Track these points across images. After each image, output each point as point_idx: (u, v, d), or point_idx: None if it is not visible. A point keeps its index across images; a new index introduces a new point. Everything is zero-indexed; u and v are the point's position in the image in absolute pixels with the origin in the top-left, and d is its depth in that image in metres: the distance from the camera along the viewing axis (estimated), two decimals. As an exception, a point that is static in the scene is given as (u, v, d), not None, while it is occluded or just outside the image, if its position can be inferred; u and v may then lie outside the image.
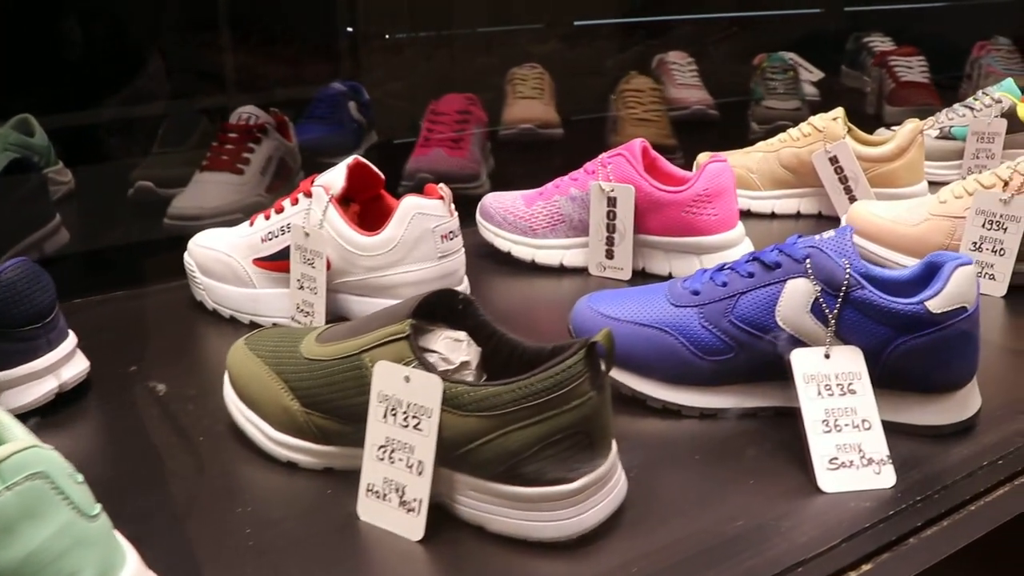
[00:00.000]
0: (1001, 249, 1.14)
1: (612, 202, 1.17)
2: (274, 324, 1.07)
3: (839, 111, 1.40)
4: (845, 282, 0.82)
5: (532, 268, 1.24)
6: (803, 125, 1.42)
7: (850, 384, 0.82)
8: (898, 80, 2.02)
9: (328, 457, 0.80)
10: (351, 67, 2.30)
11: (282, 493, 0.79)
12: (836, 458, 0.79)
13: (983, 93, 1.60)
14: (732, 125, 1.90)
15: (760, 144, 1.45)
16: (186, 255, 1.13)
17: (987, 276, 1.15)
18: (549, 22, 2.63)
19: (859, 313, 0.82)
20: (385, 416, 0.73)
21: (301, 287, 1.04)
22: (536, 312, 1.17)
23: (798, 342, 0.84)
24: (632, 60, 2.26)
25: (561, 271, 1.23)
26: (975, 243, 1.15)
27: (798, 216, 1.43)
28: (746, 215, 1.44)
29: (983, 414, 0.88)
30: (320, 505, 0.76)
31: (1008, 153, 1.57)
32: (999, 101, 1.56)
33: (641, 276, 1.21)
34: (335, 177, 1.05)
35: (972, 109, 1.58)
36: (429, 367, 0.73)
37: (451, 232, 1.03)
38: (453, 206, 1.04)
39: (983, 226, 1.15)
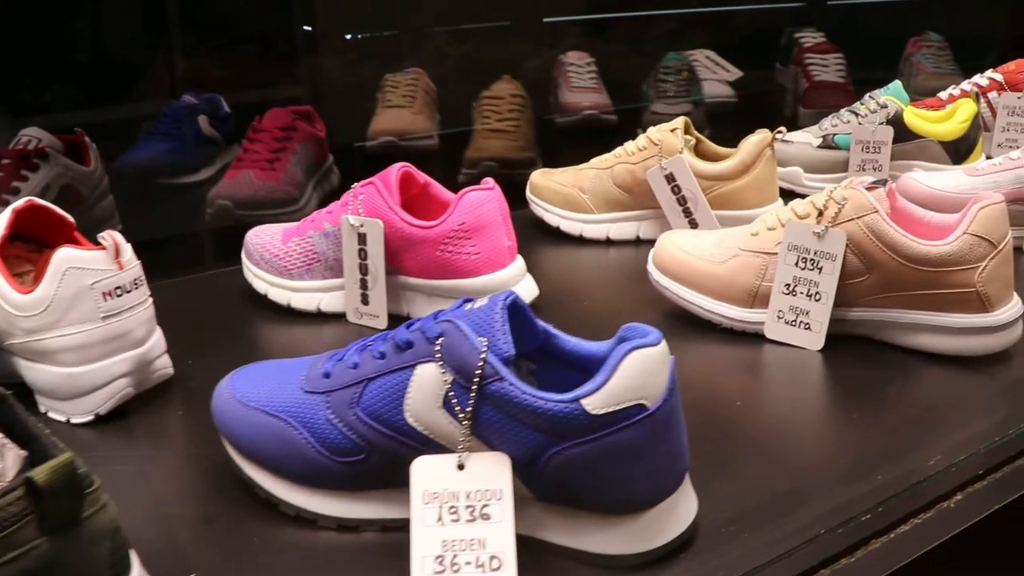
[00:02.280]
0: (817, 293, 0.88)
1: (362, 239, 0.95)
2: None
3: (679, 121, 1.15)
4: (478, 371, 0.59)
5: (290, 313, 1.02)
6: (640, 138, 1.17)
7: (485, 507, 0.59)
8: (812, 80, 1.74)
9: None
10: (308, 68, 2.10)
11: None
12: (442, 612, 0.56)
13: (869, 97, 1.32)
14: (627, 132, 1.64)
15: (594, 160, 1.20)
16: None
17: (802, 325, 0.90)
18: (516, 19, 2.41)
19: (500, 412, 0.59)
20: None
21: (-28, 347, 0.84)
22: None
23: (436, 445, 0.61)
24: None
25: (320, 318, 1.01)
26: (788, 285, 0.90)
27: (638, 242, 1.18)
28: (579, 241, 1.20)
29: (707, 529, 0.64)
30: None
31: (896, 164, 1.30)
32: (885, 106, 1.29)
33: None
34: (-3, 222, 0.84)
35: (857, 115, 1.31)
36: None
37: (117, 288, 0.81)
38: (129, 256, 0.83)
39: (796, 264, 0.89)
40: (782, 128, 1.12)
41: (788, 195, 1.33)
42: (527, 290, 0.96)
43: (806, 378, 0.88)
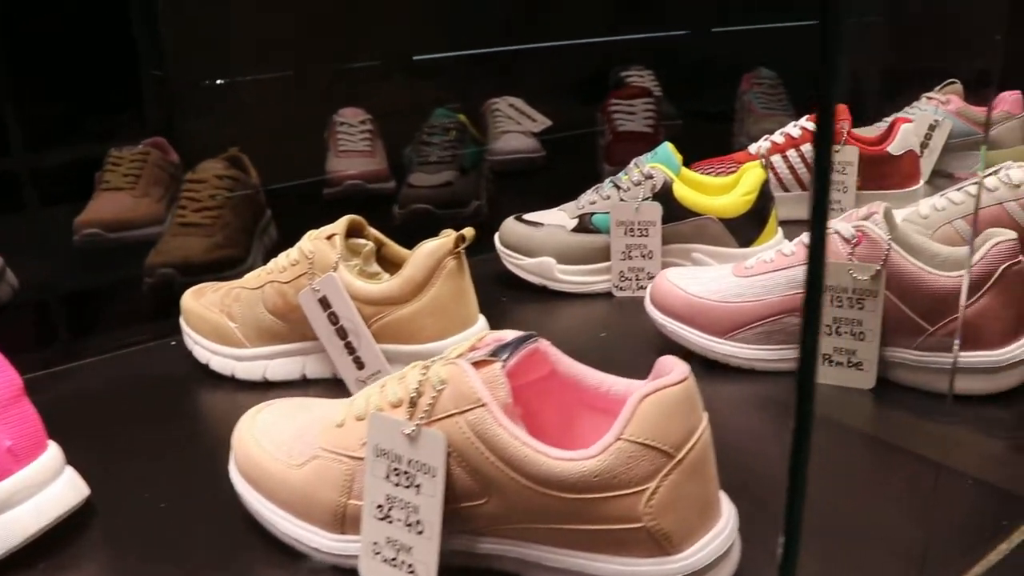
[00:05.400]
0: (417, 523, 0.52)
1: None
2: None
3: (340, 223, 0.79)
4: None
5: None
6: (293, 249, 0.80)
7: None
8: (615, 131, 1.38)
9: None
10: (160, 118, 1.72)
11: None
12: None
13: (634, 165, 0.96)
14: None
15: (247, 276, 0.84)
16: None
17: (405, 567, 0.53)
18: (385, 58, 2.06)
19: None
20: None
21: None
22: None
23: None
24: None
25: None
26: (381, 507, 0.54)
27: (304, 383, 0.82)
28: (233, 384, 0.83)
29: None
30: None
31: (671, 249, 0.95)
32: (650, 177, 0.93)
33: None
34: None
35: (619, 188, 0.95)
36: None
37: None
38: None
39: (388, 478, 0.53)
40: (468, 231, 0.76)
41: (541, 293, 0.98)
42: (59, 501, 0.60)
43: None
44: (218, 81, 1.78)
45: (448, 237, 0.76)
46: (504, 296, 0.98)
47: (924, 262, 0.77)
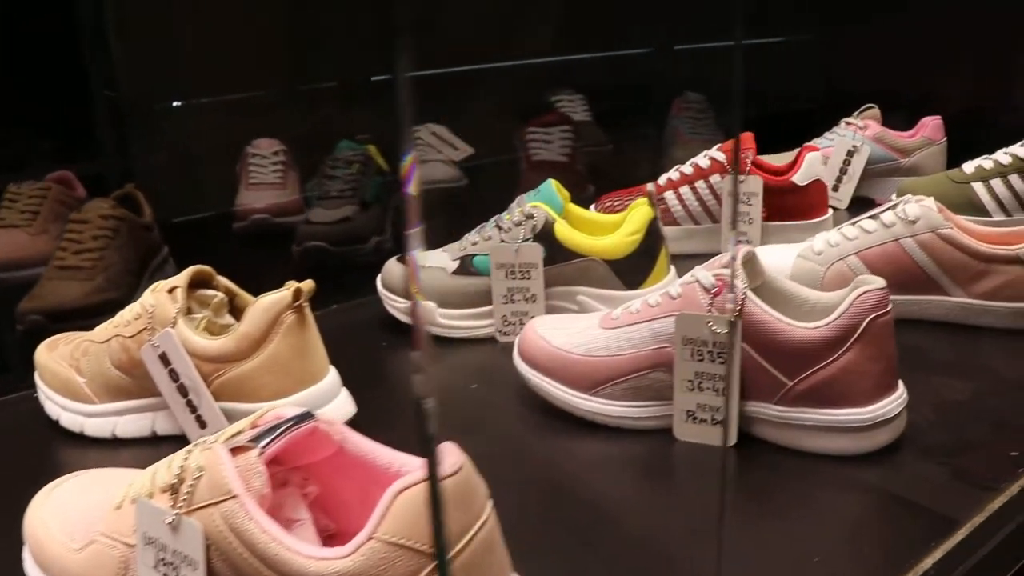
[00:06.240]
0: (185, 618, 0.49)
1: None
2: None
3: (182, 276, 0.76)
4: None
5: None
6: (138, 302, 0.77)
7: None
8: (530, 160, 1.34)
9: None
10: (113, 141, 1.68)
11: None
12: None
13: (516, 203, 0.93)
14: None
15: (98, 329, 0.80)
16: None
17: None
18: (345, 80, 2.02)
19: None
20: None
21: None
22: None
23: None
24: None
25: None
26: (155, 598, 0.50)
27: (155, 440, 0.79)
28: (82, 441, 0.80)
29: None
30: None
31: (556, 292, 0.91)
32: (531, 216, 0.90)
33: None
34: None
35: (500, 228, 0.92)
36: None
37: None
38: None
39: (156, 568, 0.50)
40: (307, 284, 0.73)
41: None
42: None
43: None
44: (174, 103, 1.74)
45: (287, 291, 0.72)
46: (385, 341, 0.94)
47: (791, 310, 0.73)
